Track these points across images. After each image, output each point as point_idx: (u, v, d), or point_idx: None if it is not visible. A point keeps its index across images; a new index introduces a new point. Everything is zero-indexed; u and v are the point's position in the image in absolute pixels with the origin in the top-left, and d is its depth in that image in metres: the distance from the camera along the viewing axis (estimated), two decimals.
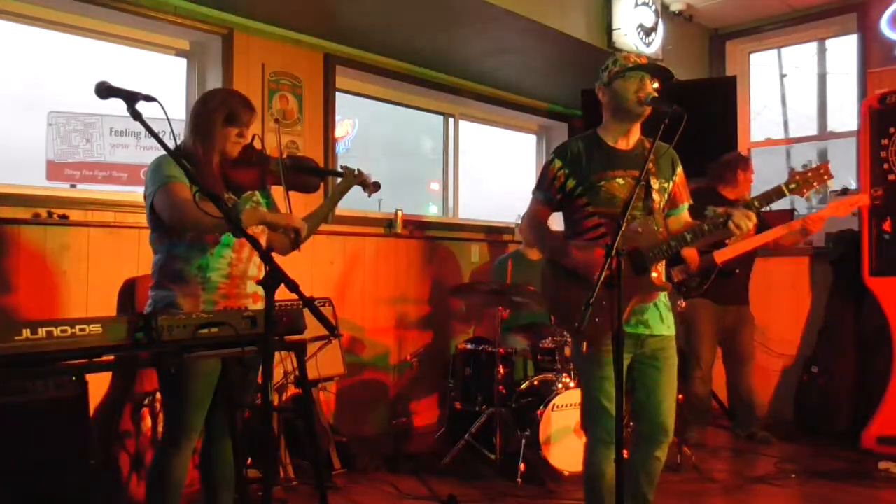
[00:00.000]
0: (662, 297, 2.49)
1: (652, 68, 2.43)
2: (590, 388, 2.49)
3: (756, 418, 4.62)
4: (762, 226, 4.22)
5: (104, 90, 1.92)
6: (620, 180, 2.43)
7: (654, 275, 2.39)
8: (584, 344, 2.43)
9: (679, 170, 2.54)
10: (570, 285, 2.49)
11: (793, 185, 2.30)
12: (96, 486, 2.32)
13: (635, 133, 2.51)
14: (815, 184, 2.30)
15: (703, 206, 2.83)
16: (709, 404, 4.68)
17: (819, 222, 4.14)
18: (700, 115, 2.37)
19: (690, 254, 4.20)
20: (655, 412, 2.47)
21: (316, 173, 2.68)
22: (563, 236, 2.61)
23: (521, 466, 3.70)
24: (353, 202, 5.16)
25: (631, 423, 3.32)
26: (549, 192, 2.56)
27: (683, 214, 2.56)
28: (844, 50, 5.50)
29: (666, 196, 2.50)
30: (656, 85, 2.42)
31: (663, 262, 2.46)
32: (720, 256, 4.24)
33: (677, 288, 4.30)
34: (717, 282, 4.33)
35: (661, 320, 2.47)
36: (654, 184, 2.44)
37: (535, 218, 2.64)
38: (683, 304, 4.14)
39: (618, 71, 2.43)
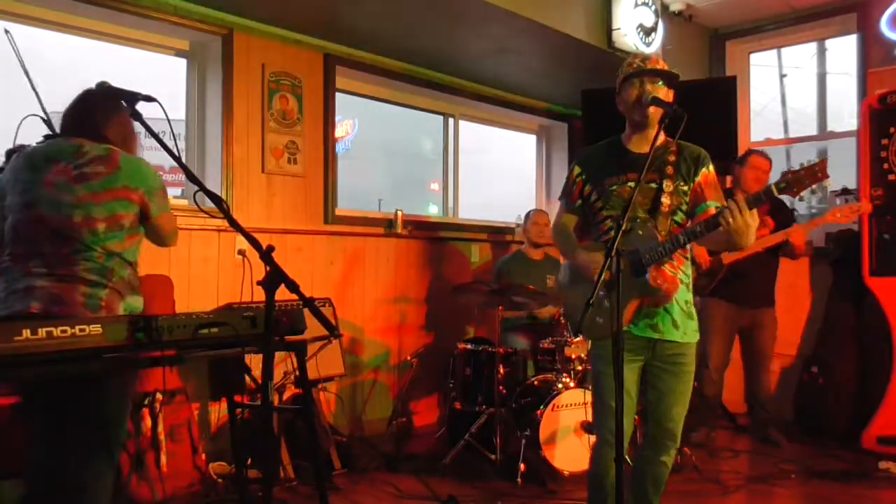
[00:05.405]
0: (680, 303, 2.44)
1: (650, 72, 2.39)
2: (598, 386, 2.51)
3: (769, 420, 4.59)
4: (785, 225, 4.23)
5: (104, 90, 1.93)
6: (633, 184, 2.39)
7: (651, 276, 2.36)
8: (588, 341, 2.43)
9: (704, 170, 2.45)
10: (577, 286, 2.53)
11: (783, 185, 2.14)
12: None
13: (655, 136, 2.47)
14: (808, 183, 2.13)
15: None
16: (716, 406, 4.65)
17: (801, 234, 4.16)
18: (700, 115, 2.35)
19: (700, 253, 4.19)
20: (665, 417, 2.46)
21: None
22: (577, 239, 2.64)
23: (521, 466, 3.70)
24: (353, 202, 5.19)
25: (636, 422, 3.33)
26: (569, 197, 2.60)
27: (706, 214, 2.43)
28: (844, 50, 5.49)
29: (685, 198, 2.44)
30: (661, 85, 2.39)
31: (670, 264, 2.42)
32: (727, 257, 4.23)
33: None
34: (731, 283, 4.29)
35: (673, 326, 2.42)
36: (668, 186, 2.40)
37: (558, 224, 2.69)
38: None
39: (623, 79, 2.45)
